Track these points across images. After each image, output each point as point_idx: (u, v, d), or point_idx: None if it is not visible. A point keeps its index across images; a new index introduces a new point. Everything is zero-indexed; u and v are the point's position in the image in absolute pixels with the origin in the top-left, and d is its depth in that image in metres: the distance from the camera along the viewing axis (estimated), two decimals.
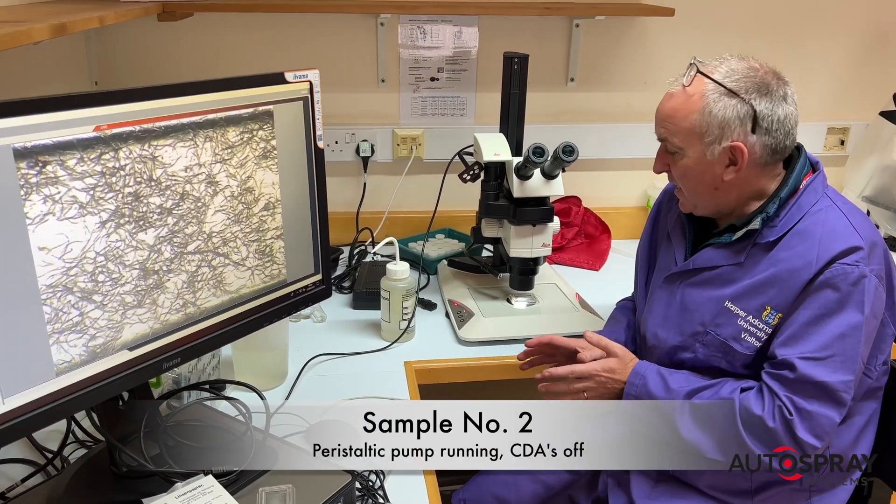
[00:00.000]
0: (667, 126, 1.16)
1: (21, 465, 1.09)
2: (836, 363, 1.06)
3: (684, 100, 1.14)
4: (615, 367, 1.22)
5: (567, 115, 2.01)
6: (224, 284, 1.01)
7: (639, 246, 1.44)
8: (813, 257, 1.09)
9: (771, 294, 1.13)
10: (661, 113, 1.17)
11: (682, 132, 1.14)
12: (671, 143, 1.17)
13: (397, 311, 1.47)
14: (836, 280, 1.07)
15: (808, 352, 1.07)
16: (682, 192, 1.22)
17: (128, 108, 0.84)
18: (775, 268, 1.13)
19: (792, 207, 1.14)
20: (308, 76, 1.05)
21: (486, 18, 1.90)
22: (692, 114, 1.13)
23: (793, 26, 2.00)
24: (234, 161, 0.98)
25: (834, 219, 1.13)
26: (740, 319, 1.15)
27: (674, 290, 1.25)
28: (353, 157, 1.96)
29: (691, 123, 1.13)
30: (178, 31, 1.81)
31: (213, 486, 0.91)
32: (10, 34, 0.87)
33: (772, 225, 1.15)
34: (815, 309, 1.08)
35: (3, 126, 0.74)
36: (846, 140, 2.12)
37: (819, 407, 1.06)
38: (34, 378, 0.81)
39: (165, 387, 1.16)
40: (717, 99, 1.11)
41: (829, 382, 1.06)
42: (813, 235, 1.11)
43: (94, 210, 0.83)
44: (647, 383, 1.19)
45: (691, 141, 1.14)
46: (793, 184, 1.16)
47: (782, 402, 1.06)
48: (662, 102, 1.18)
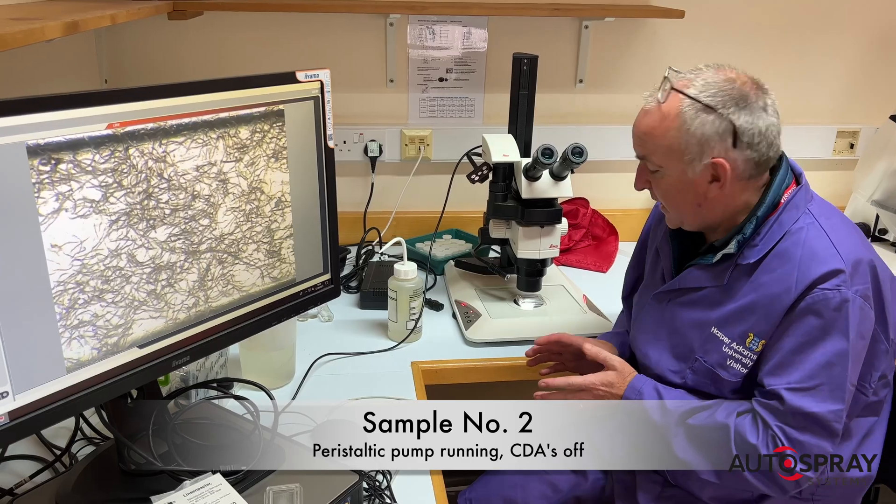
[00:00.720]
0: (645, 145, 1.13)
1: (29, 461, 1.09)
2: (823, 393, 1.04)
3: (660, 117, 1.09)
4: (614, 380, 1.20)
5: (575, 117, 2.01)
6: (234, 283, 1.01)
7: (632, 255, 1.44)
8: (792, 282, 1.06)
9: (752, 321, 1.10)
10: (638, 131, 1.13)
11: (660, 151, 1.10)
12: (650, 161, 1.13)
13: (404, 311, 1.47)
14: (817, 306, 1.04)
15: (794, 382, 1.05)
16: (667, 209, 1.19)
17: (141, 107, 0.84)
18: (756, 293, 1.10)
19: (773, 226, 1.11)
20: (319, 76, 1.05)
21: (495, 19, 1.89)
22: (669, 131, 1.08)
23: (802, 28, 2.00)
24: (245, 160, 0.99)
25: (814, 238, 1.08)
26: (725, 346, 1.13)
27: (663, 309, 1.24)
28: (362, 157, 1.96)
29: (669, 142, 1.08)
30: (187, 30, 1.82)
31: (222, 485, 0.91)
32: (23, 31, 0.88)
33: (752, 244, 1.11)
34: (799, 337, 1.05)
35: (16, 123, 0.74)
36: (856, 144, 2.11)
37: (811, 438, 1.04)
38: (45, 375, 0.82)
39: (173, 385, 1.16)
40: (694, 116, 1.06)
41: (817, 413, 1.03)
42: (792, 258, 1.08)
43: (105, 208, 0.84)
44: (642, 399, 1.16)
45: (671, 159, 1.10)
46: (772, 199, 1.11)
47: (774, 433, 1.05)
48: (638, 120, 1.13)
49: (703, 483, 1.18)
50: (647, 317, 1.27)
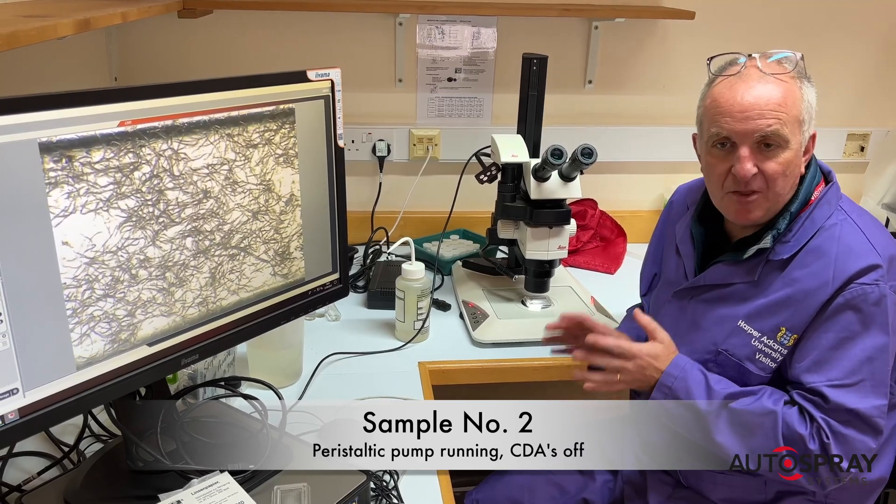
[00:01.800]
0: (778, 115, 1.05)
1: (37, 457, 1.09)
2: (866, 388, 1.04)
3: (786, 87, 1.06)
4: (660, 353, 1.14)
5: (584, 118, 2.00)
6: (243, 282, 1.01)
7: (646, 251, 1.42)
8: (829, 277, 1.06)
9: (786, 315, 1.09)
10: (768, 102, 1.05)
11: (791, 121, 1.06)
12: (780, 135, 1.05)
13: (412, 311, 1.47)
14: (856, 301, 1.04)
15: (835, 378, 1.04)
16: (764, 196, 1.10)
17: (152, 104, 0.84)
18: (790, 288, 1.09)
19: (805, 222, 1.10)
20: (330, 75, 1.05)
21: (504, 19, 1.89)
22: (798, 101, 1.06)
23: (813, 30, 1.99)
24: (256, 158, 0.98)
25: (849, 234, 1.08)
26: (754, 339, 1.12)
27: (684, 306, 1.22)
28: (370, 157, 1.96)
29: (798, 110, 1.07)
30: (196, 28, 1.82)
31: (229, 484, 0.90)
32: (36, 29, 0.88)
33: (784, 241, 1.11)
34: (838, 332, 1.05)
35: (29, 120, 0.74)
36: (866, 146, 2.10)
37: (855, 433, 1.04)
38: (55, 372, 0.82)
39: (181, 383, 1.16)
40: (807, 85, 1.08)
41: (861, 409, 1.03)
42: (828, 253, 1.07)
43: (116, 205, 0.84)
44: (686, 377, 1.12)
45: (795, 131, 1.07)
46: (803, 196, 1.12)
47: (820, 425, 1.04)
48: (753, 92, 1.06)
49: (715, 484, 1.18)
50: (665, 314, 1.25)
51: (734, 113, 1.07)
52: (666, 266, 1.33)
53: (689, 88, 1.96)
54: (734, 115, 1.07)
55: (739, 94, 1.07)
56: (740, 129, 1.07)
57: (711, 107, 1.11)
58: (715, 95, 1.10)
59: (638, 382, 1.16)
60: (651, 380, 1.14)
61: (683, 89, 2.00)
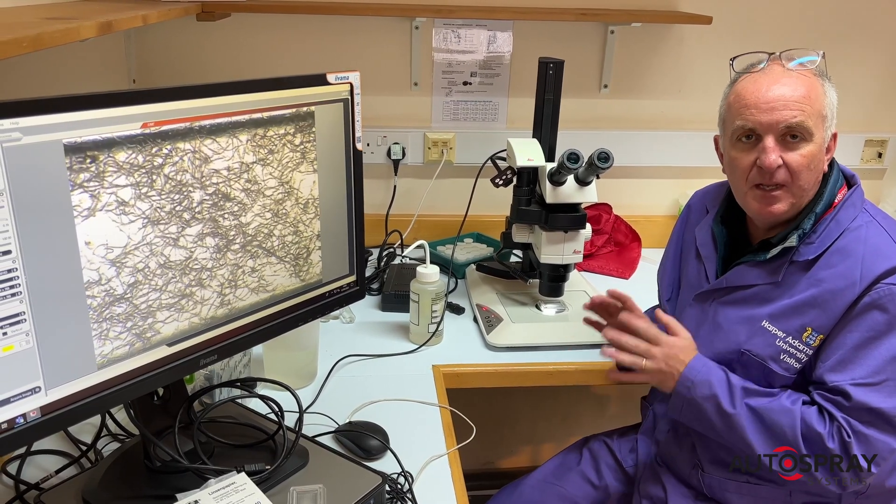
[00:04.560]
0: (803, 107, 1.07)
1: (55, 456, 1.10)
2: (890, 388, 1.04)
3: (808, 82, 1.09)
4: (685, 346, 1.16)
5: (599, 122, 2.00)
6: (262, 283, 1.02)
7: (663, 257, 1.42)
8: (856, 277, 1.06)
9: (812, 315, 1.09)
10: (793, 94, 1.07)
11: (815, 115, 1.08)
12: (805, 126, 1.07)
13: (426, 314, 1.47)
14: (882, 301, 1.04)
15: (860, 377, 1.04)
16: (788, 190, 1.10)
17: (174, 106, 0.85)
18: (816, 288, 1.09)
19: (830, 223, 1.11)
20: (349, 78, 1.05)
21: (520, 23, 1.89)
22: (820, 97, 1.09)
23: (831, 36, 1.98)
24: (275, 161, 0.99)
25: (876, 236, 1.09)
26: (779, 340, 1.12)
27: (706, 309, 1.22)
28: (384, 160, 1.96)
29: (821, 106, 1.09)
30: (214, 31, 1.83)
31: (246, 484, 0.91)
32: (60, 31, 0.89)
33: (809, 242, 1.11)
34: (864, 332, 1.05)
35: (54, 122, 0.75)
36: (884, 153, 2.08)
37: (876, 433, 1.04)
38: (76, 371, 0.82)
39: (198, 384, 1.17)
40: (828, 85, 1.11)
41: (885, 409, 1.03)
42: (854, 254, 1.07)
43: (138, 206, 0.84)
44: (710, 371, 1.12)
45: (819, 125, 1.09)
46: (828, 197, 1.12)
47: (840, 424, 1.04)
48: (778, 85, 1.08)
49: (740, 495, 1.17)
50: (687, 318, 1.25)
51: (759, 104, 1.08)
52: (686, 270, 1.32)
53: (705, 93, 1.98)
54: (759, 107, 1.08)
55: (764, 87, 1.09)
56: (766, 119, 1.08)
57: (735, 101, 1.12)
58: (738, 90, 1.12)
59: (662, 374, 1.15)
60: (675, 371, 1.14)
61: (699, 94, 2.00)
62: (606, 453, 1.40)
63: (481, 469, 2.23)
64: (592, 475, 1.38)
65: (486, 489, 1.46)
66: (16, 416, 0.78)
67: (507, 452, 2.28)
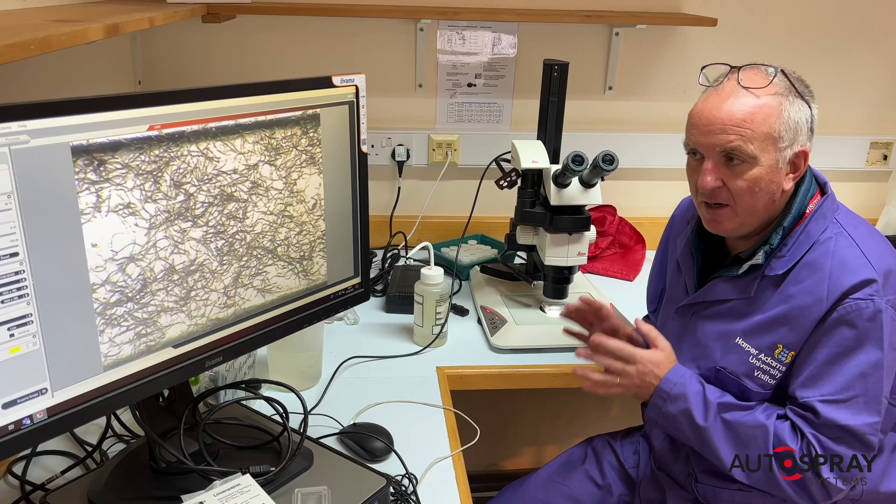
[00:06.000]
0: (741, 132, 1.03)
1: (60, 456, 1.10)
2: (859, 405, 1.03)
3: (757, 102, 1.04)
4: (661, 360, 1.14)
5: (604, 124, 2.00)
6: (267, 285, 1.02)
7: (651, 267, 1.41)
8: (823, 293, 1.04)
9: (782, 332, 1.08)
10: (731, 118, 1.04)
11: (758, 138, 1.03)
12: (743, 151, 1.04)
13: (430, 315, 1.47)
14: (850, 317, 1.02)
15: (828, 394, 1.03)
16: (732, 210, 1.09)
17: (181, 109, 0.85)
18: (786, 304, 1.08)
19: (800, 236, 1.09)
20: (355, 80, 1.06)
21: (525, 25, 1.89)
22: (769, 117, 1.03)
23: (836, 38, 1.97)
24: (281, 163, 0.99)
25: (844, 248, 1.06)
26: (752, 357, 1.11)
27: (686, 323, 1.22)
28: (389, 161, 1.97)
29: (769, 128, 1.03)
30: (220, 33, 1.84)
31: (251, 486, 0.91)
32: (68, 33, 0.89)
33: (779, 256, 1.09)
34: (833, 347, 1.03)
35: (62, 124, 0.75)
36: (889, 155, 2.08)
37: (846, 449, 1.03)
38: (83, 372, 0.83)
39: (203, 385, 1.17)
40: (792, 101, 1.04)
41: (853, 426, 1.02)
42: (822, 268, 1.06)
43: (145, 208, 0.85)
44: (685, 385, 1.12)
45: (766, 148, 1.04)
46: (797, 209, 1.10)
47: (809, 441, 1.04)
48: (721, 106, 1.05)
49: (733, 501, 1.16)
50: (669, 330, 1.24)
51: (700, 126, 1.08)
52: (669, 282, 1.33)
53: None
54: (700, 128, 1.08)
55: (708, 108, 1.07)
56: (703, 142, 1.08)
57: (688, 118, 1.12)
58: (694, 107, 1.11)
59: (637, 388, 1.15)
60: (651, 386, 1.14)
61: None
62: (610, 453, 1.40)
63: (485, 471, 2.23)
64: (596, 475, 1.38)
65: (490, 491, 1.46)
66: (23, 417, 0.78)
67: (511, 454, 2.28)
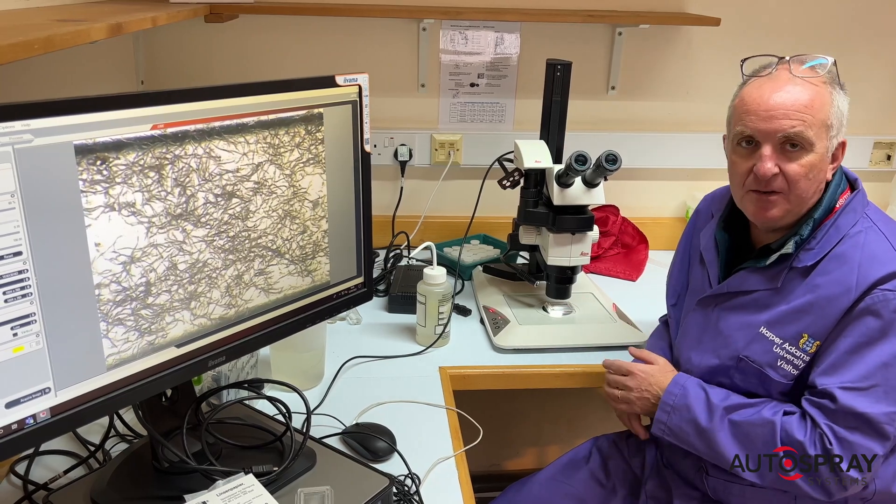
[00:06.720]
0: (803, 117, 1.05)
1: (63, 456, 1.10)
2: (878, 393, 1.03)
3: (815, 91, 1.07)
4: (654, 372, 1.23)
5: (607, 124, 2.00)
6: (270, 284, 1.02)
7: (672, 261, 1.42)
8: (852, 283, 1.05)
9: (808, 321, 1.09)
10: (794, 103, 1.06)
11: (816, 124, 1.06)
12: (804, 136, 1.06)
13: (433, 315, 1.47)
14: (877, 307, 1.03)
15: (848, 381, 1.04)
16: (784, 197, 1.10)
17: (185, 108, 0.85)
18: (812, 294, 1.09)
19: (829, 229, 1.10)
20: (358, 80, 1.06)
21: (527, 25, 1.89)
22: (826, 105, 1.07)
23: (840, 37, 1.97)
24: (284, 162, 0.99)
25: (874, 242, 1.08)
26: (776, 346, 1.12)
27: (708, 314, 1.22)
28: (391, 161, 1.96)
29: (825, 115, 1.07)
30: (222, 33, 1.84)
31: (254, 486, 0.91)
32: (71, 33, 0.89)
33: (808, 248, 1.11)
34: (857, 337, 1.04)
35: (65, 123, 0.75)
36: (893, 155, 2.07)
37: (861, 438, 1.03)
38: (86, 372, 0.83)
39: (205, 385, 1.17)
40: (839, 92, 1.09)
41: (871, 414, 1.02)
42: (851, 260, 1.07)
43: (148, 207, 0.85)
44: (687, 394, 1.16)
45: (821, 135, 1.07)
46: (828, 203, 1.11)
47: (822, 431, 1.04)
48: (780, 93, 1.07)
49: (744, 498, 1.16)
50: (691, 322, 1.25)
51: (759, 112, 1.08)
52: (691, 275, 1.33)
53: (713, 95, 1.97)
54: (759, 114, 1.08)
55: (766, 94, 1.08)
56: (764, 128, 1.07)
57: (739, 106, 1.12)
58: (743, 95, 1.12)
59: (641, 401, 1.22)
60: (654, 398, 1.20)
61: (707, 96, 1.99)
62: (615, 453, 1.40)
63: (488, 471, 2.23)
64: (600, 474, 1.38)
65: (493, 491, 1.46)
66: (25, 416, 0.78)
67: (514, 454, 2.28)
